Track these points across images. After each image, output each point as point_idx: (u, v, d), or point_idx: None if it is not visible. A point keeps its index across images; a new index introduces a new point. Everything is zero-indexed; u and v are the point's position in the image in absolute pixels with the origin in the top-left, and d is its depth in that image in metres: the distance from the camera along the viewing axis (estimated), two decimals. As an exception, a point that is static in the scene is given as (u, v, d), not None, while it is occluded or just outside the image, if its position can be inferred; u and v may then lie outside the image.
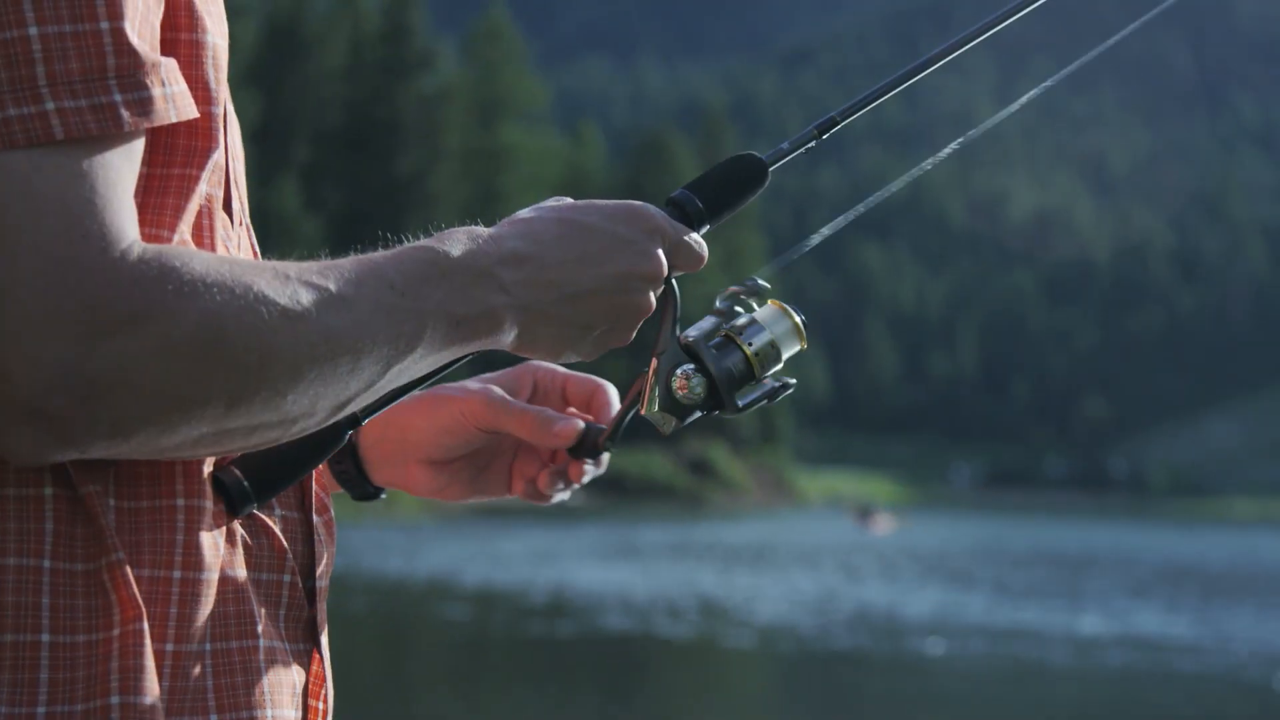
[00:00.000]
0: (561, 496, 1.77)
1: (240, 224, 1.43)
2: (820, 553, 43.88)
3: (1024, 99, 2.01)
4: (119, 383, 1.20)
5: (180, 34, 1.32)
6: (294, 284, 1.28)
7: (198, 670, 1.33)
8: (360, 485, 1.79)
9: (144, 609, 1.28)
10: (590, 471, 1.77)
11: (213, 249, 1.35)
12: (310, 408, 1.32)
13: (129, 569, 1.28)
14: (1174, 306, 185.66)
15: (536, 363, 1.79)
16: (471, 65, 74.69)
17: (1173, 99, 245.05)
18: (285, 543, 1.44)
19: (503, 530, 42.19)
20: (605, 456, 1.75)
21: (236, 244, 1.40)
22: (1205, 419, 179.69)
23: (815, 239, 1.59)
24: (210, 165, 1.33)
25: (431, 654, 19.65)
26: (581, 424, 1.73)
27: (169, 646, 1.31)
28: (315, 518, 1.50)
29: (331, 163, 64.72)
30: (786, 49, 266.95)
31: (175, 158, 1.30)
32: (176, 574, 1.31)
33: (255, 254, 1.46)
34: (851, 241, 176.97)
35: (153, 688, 1.28)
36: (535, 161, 75.40)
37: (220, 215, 1.37)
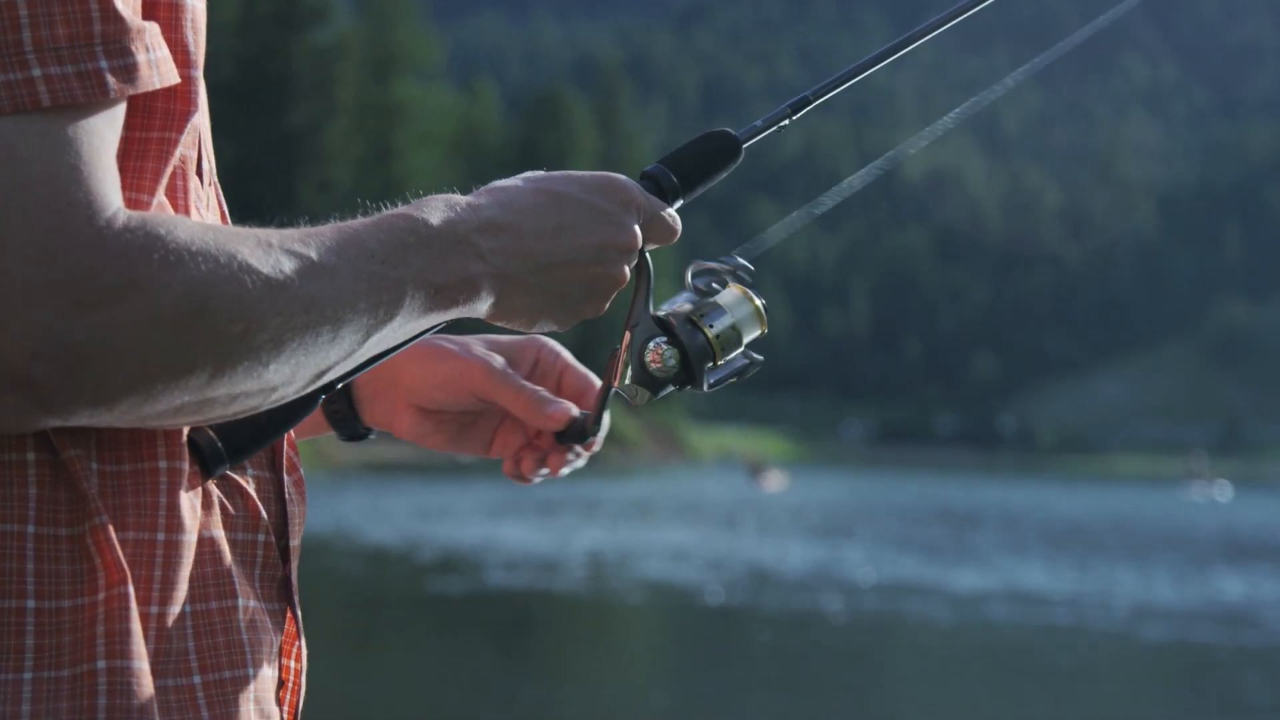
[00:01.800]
0: (538, 480, 1.79)
1: (209, 183, 1.42)
2: (712, 509, 44.05)
3: (1002, 87, 2.04)
4: (103, 352, 1.20)
5: None
6: (276, 252, 1.28)
7: (179, 632, 1.33)
8: (351, 425, 1.81)
9: (128, 572, 1.28)
10: (571, 463, 1.79)
11: (186, 211, 1.34)
12: (290, 376, 1.33)
13: (113, 532, 1.28)
14: (1063, 266, 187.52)
15: (541, 340, 1.82)
16: (365, 19, 74.09)
17: (1063, 60, 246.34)
18: (259, 503, 1.44)
19: (393, 486, 42.09)
20: (594, 443, 1.77)
21: (206, 203, 1.40)
22: (1092, 377, 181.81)
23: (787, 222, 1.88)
24: (189, 129, 1.33)
25: (321, 611, 19.61)
26: (574, 410, 1.74)
27: (153, 609, 1.31)
28: (285, 477, 1.49)
29: (223, 117, 64.00)
30: (681, 7, 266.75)
31: (154, 120, 1.30)
32: (160, 536, 1.31)
33: (223, 212, 1.45)
34: (744, 199, 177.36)
35: (140, 651, 1.28)
36: (430, 118, 75.02)
37: (192, 177, 1.37)
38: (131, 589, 1.28)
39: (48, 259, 1.17)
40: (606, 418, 1.73)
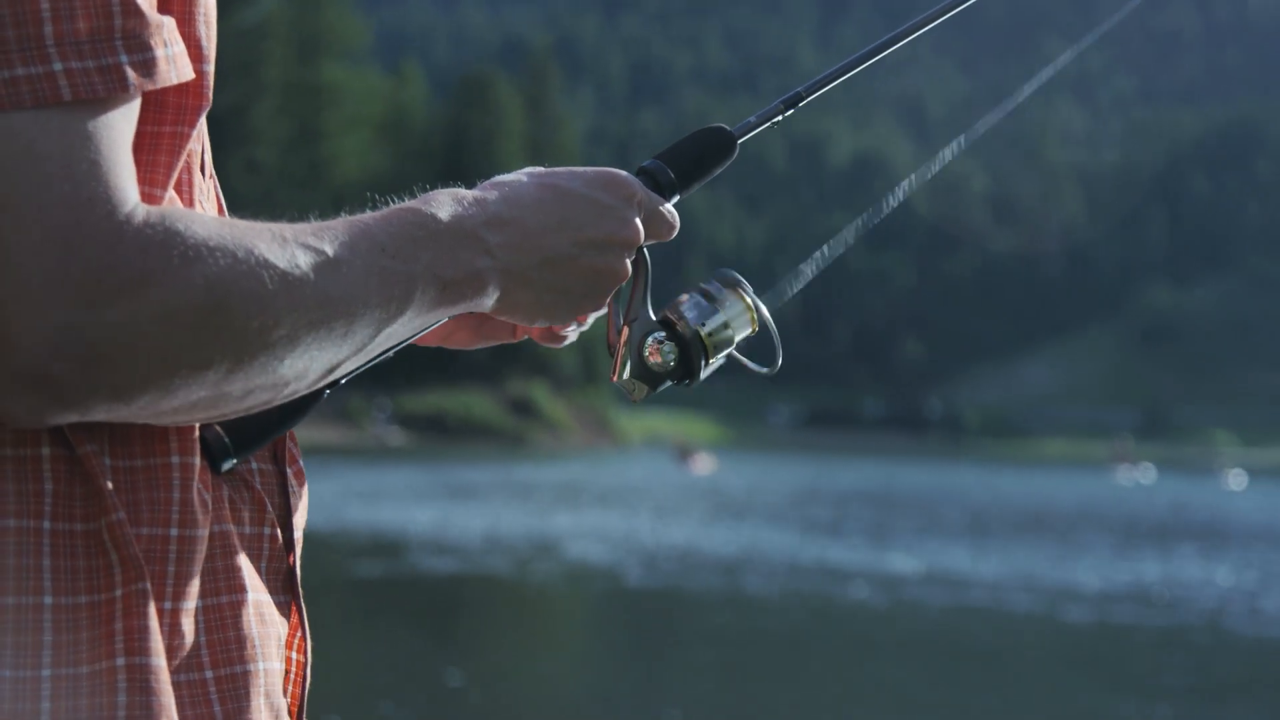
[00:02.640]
0: (573, 338, 1.73)
1: (209, 176, 1.42)
2: (641, 492, 44.07)
3: (1027, 89, 2.03)
4: (122, 348, 1.19)
5: None
6: (292, 247, 1.27)
7: (192, 627, 1.33)
8: None
9: (145, 568, 1.28)
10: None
11: (190, 204, 1.34)
12: (304, 371, 1.32)
13: (129, 528, 1.28)
14: (989, 250, 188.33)
15: None
16: (292, 1, 73.70)
17: (988, 44, 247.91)
18: (264, 496, 1.44)
19: (322, 470, 41.91)
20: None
21: (207, 195, 1.40)
22: (1018, 361, 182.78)
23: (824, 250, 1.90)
24: (200, 123, 1.32)
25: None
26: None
27: (167, 605, 1.30)
28: (288, 469, 1.49)
29: (147, 97, 63.40)
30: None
31: (166, 115, 1.29)
32: (174, 531, 1.31)
33: (221, 204, 1.45)
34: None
35: (158, 648, 1.27)
36: (357, 100, 74.78)
37: (196, 170, 1.37)
38: (149, 585, 1.28)
39: (67, 254, 1.16)
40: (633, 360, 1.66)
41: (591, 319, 1.71)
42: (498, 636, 17.03)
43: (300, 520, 1.50)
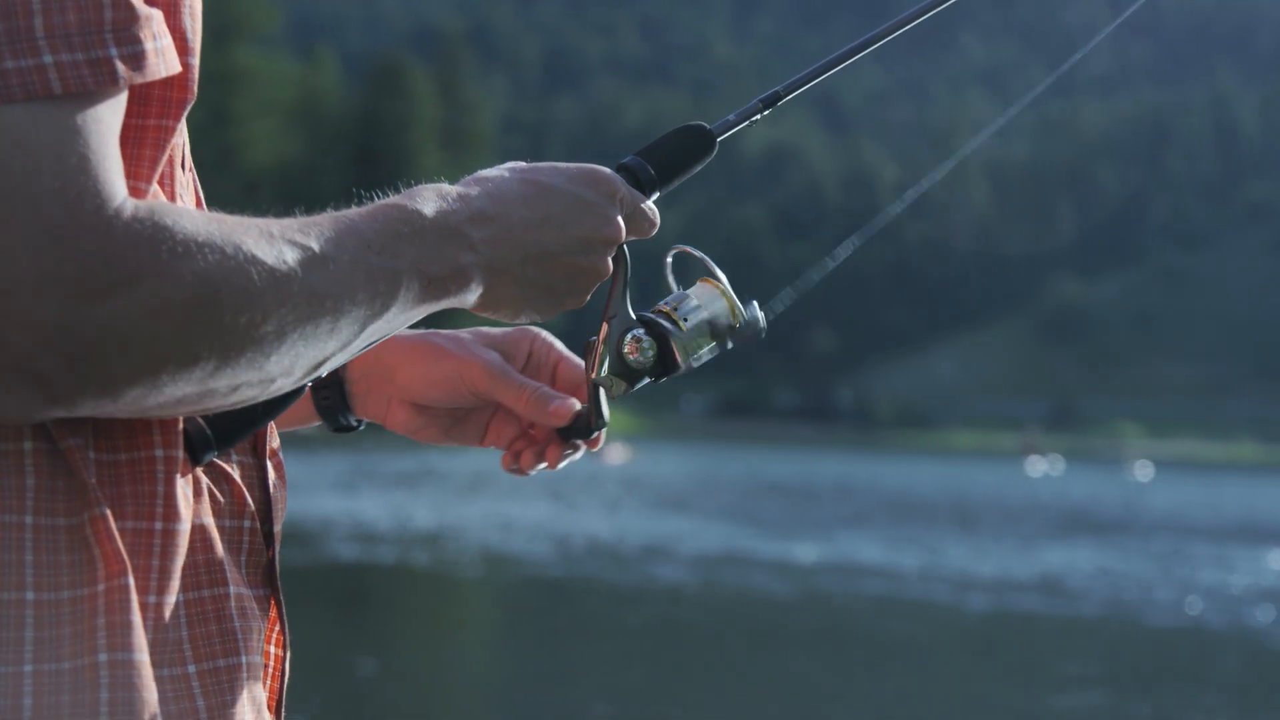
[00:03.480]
0: (533, 473, 1.80)
1: (188, 169, 1.41)
2: (554, 482, 44.02)
3: (1026, 99, 2.04)
4: (111, 343, 1.19)
5: None
6: (279, 243, 1.27)
7: (174, 621, 1.32)
8: (341, 416, 1.80)
9: (128, 563, 1.27)
10: (569, 456, 1.79)
11: (172, 197, 1.34)
12: (290, 367, 1.32)
13: (113, 522, 1.27)
14: (900, 241, 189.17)
15: (534, 331, 1.83)
16: (202, -15, 73.07)
17: (903, 36, 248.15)
18: (244, 489, 1.43)
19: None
20: (599, 439, 1.77)
21: (186, 188, 1.39)
22: (928, 352, 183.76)
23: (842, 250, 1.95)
24: (185, 116, 1.32)
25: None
26: (577, 405, 1.74)
27: (150, 599, 1.30)
28: (268, 462, 1.49)
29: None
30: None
31: (151, 108, 1.28)
32: (158, 525, 1.30)
33: (199, 196, 1.45)
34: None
35: (140, 643, 1.27)
36: (269, 85, 74.23)
37: (178, 164, 1.37)
38: (132, 580, 1.27)
39: (57, 249, 1.16)
40: (606, 408, 1.71)
41: (564, 463, 1.78)
42: (409, 626, 16.98)
43: (280, 514, 1.49)
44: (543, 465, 1.79)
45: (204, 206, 1.43)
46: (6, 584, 1.23)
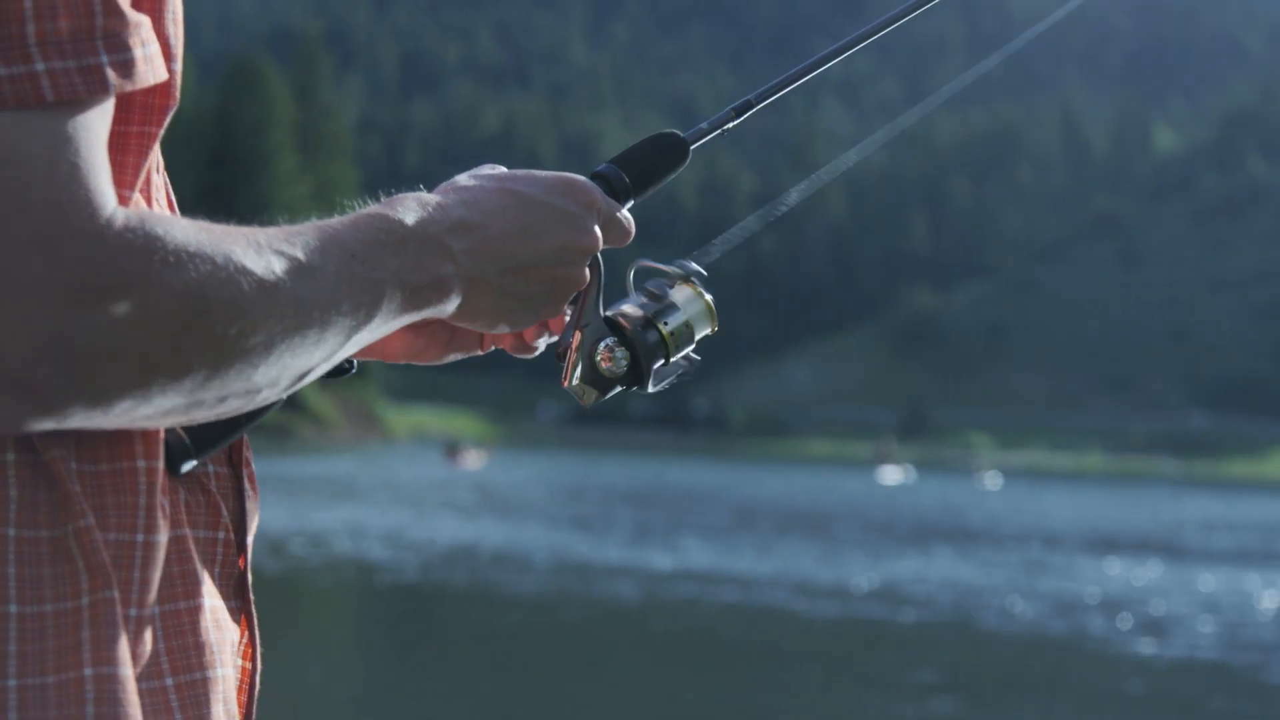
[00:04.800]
0: (542, 348, 1.72)
1: (159, 171, 1.40)
2: (408, 488, 43.83)
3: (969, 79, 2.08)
4: (102, 353, 1.18)
5: None
6: (267, 253, 1.27)
7: (151, 634, 1.31)
8: None
9: (112, 575, 1.26)
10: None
11: (149, 202, 1.34)
12: (276, 378, 1.32)
13: (97, 534, 1.26)
14: (755, 250, 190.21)
15: None
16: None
17: (758, 45, 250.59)
18: (219, 499, 1.43)
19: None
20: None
21: (159, 190, 1.39)
22: (783, 361, 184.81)
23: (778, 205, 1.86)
24: (166, 123, 1.31)
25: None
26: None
27: (131, 611, 1.28)
28: (243, 472, 1.49)
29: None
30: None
31: (133, 114, 1.27)
32: (140, 537, 1.29)
33: (171, 200, 1.43)
34: (443, 175, 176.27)
35: (125, 657, 1.26)
36: (120, 84, 73.20)
37: (155, 169, 1.36)
38: (117, 593, 1.26)
39: (49, 257, 1.15)
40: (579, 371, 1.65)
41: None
42: (263, 631, 16.79)
43: (253, 524, 1.49)
44: (546, 336, 1.70)
45: (176, 210, 1.43)
46: None
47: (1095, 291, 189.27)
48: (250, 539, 1.48)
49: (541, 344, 1.70)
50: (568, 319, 1.64)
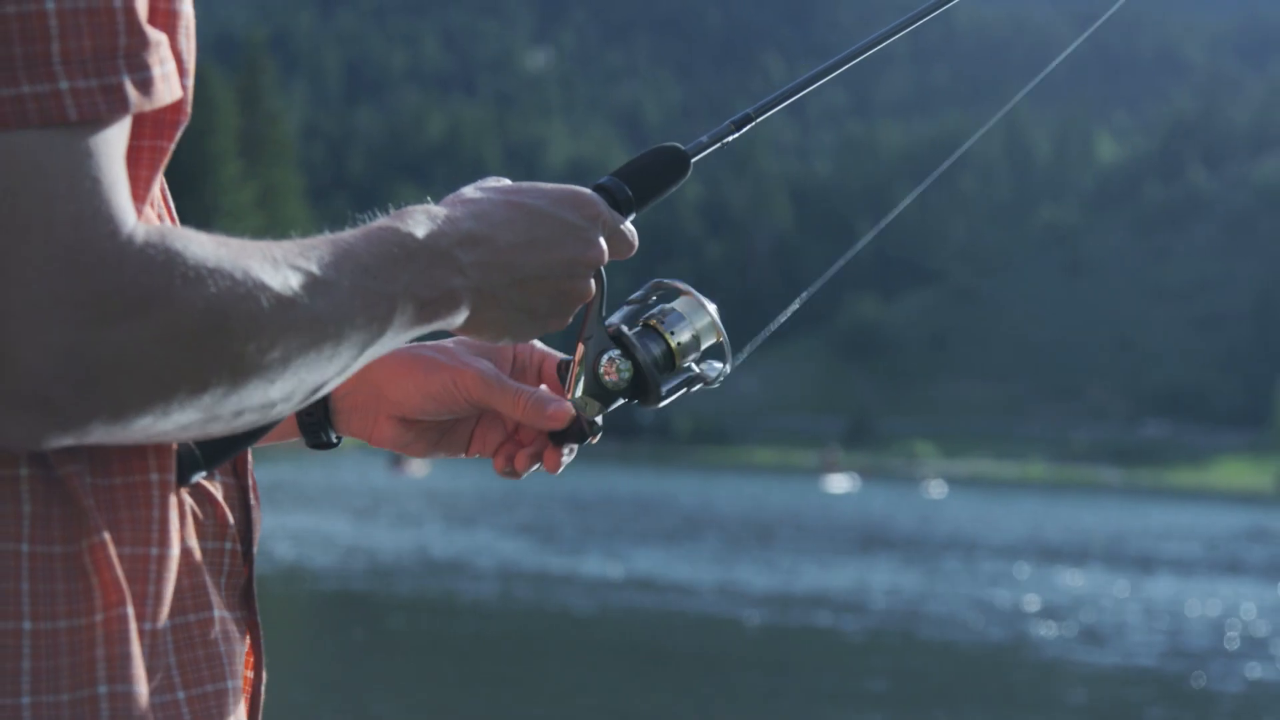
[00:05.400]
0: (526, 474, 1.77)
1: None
2: (354, 495, 43.69)
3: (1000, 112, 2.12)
4: (122, 370, 1.18)
5: (159, 3, 1.28)
6: (284, 268, 1.27)
7: (163, 648, 1.31)
8: (323, 433, 1.78)
9: (127, 591, 1.26)
10: (566, 460, 1.75)
11: (155, 215, 1.34)
12: (291, 393, 1.32)
13: (112, 549, 1.26)
14: (701, 258, 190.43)
15: None
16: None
17: (705, 55, 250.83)
18: (225, 510, 1.42)
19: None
20: (592, 439, 1.73)
21: (160, 201, 1.39)
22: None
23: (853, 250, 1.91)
24: (178, 137, 1.31)
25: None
26: (572, 408, 1.69)
27: (146, 626, 1.28)
28: (248, 482, 1.49)
29: None
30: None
31: (145, 129, 1.27)
32: (154, 551, 1.29)
33: (169, 209, 1.42)
34: (388, 181, 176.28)
35: (140, 675, 1.26)
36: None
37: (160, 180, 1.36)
38: (131, 609, 1.26)
39: (71, 274, 1.15)
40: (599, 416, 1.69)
41: (561, 467, 1.75)
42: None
43: (257, 534, 1.49)
44: (536, 467, 1.76)
45: (176, 219, 1.43)
46: (5, 614, 1.22)
47: (1038, 301, 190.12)
48: (255, 549, 1.48)
49: (529, 470, 1.75)
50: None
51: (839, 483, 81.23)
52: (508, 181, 1.57)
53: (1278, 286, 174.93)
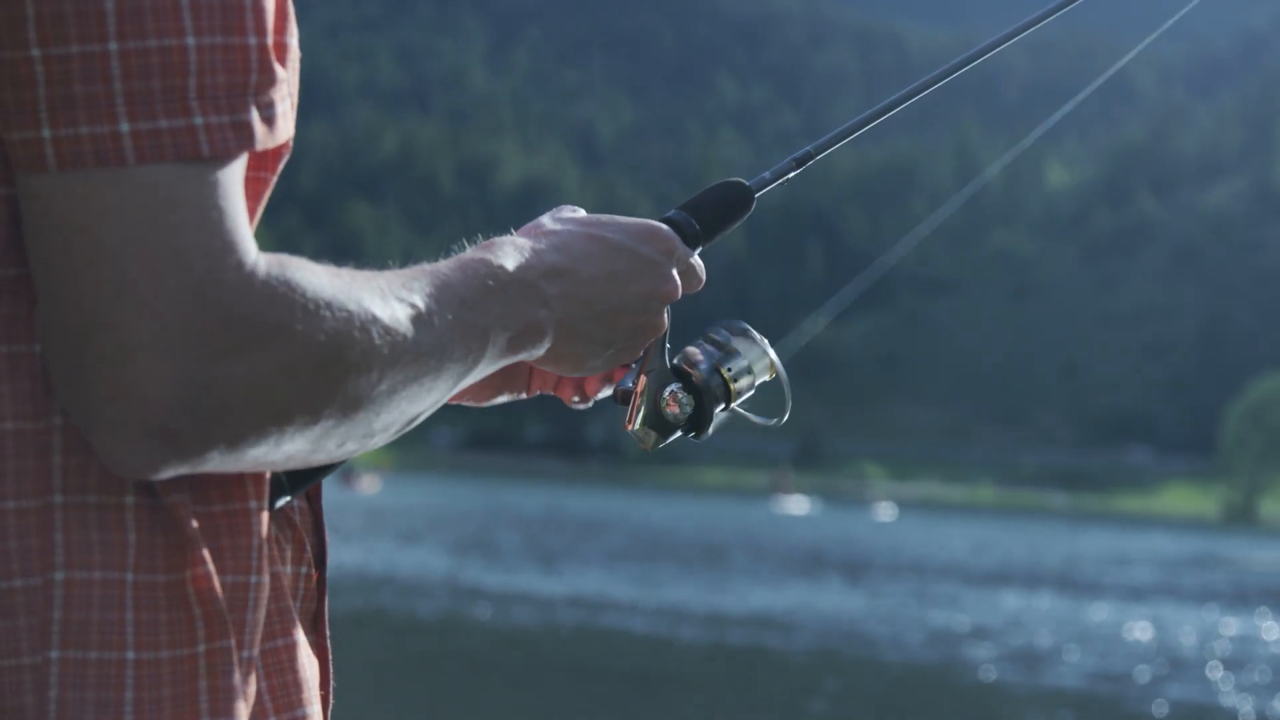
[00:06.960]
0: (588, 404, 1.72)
1: None
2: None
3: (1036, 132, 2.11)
4: (243, 401, 1.19)
5: (279, 38, 1.29)
6: (392, 301, 1.28)
7: (256, 673, 1.32)
8: None
9: (229, 622, 1.27)
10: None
11: None
12: (390, 424, 1.33)
13: (215, 579, 1.27)
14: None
15: None
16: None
17: (658, 76, 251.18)
18: (303, 534, 1.44)
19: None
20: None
21: None
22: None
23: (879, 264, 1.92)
24: (280, 168, 1.32)
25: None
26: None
27: (244, 654, 1.29)
28: (321, 506, 1.49)
29: None
30: None
31: (252, 160, 1.28)
32: (254, 579, 1.30)
33: None
34: (340, 198, 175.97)
35: (241, 709, 1.27)
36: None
37: None
38: (233, 640, 1.27)
39: (200, 306, 1.17)
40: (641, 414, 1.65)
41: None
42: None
43: (326, 558, 1.49)
44: (608, 390, 1.69)
45: None
46: (109, 643, 1.22)
47: (987, 325, 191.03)
48: (326, 573, 1.48)
49: (600, 395, 1.69)
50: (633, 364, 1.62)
51: (790, 504, 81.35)
52: (583, 212, 1.57)
53: (1224, 314, 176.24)
